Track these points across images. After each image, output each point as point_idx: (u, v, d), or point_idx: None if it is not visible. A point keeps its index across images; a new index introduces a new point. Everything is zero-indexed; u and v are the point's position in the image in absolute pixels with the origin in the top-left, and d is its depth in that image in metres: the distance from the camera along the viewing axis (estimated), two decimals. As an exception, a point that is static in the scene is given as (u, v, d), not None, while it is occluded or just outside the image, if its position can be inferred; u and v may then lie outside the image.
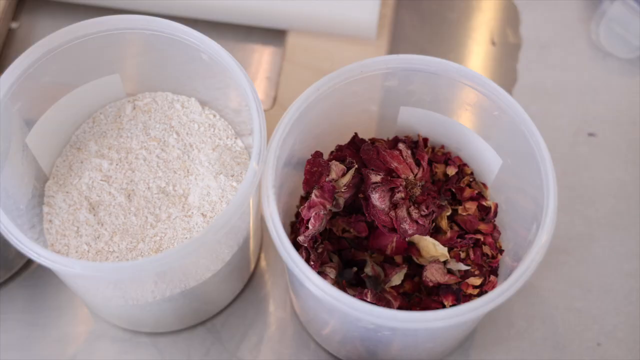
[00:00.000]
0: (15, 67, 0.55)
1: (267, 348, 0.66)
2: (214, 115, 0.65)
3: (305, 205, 0.57)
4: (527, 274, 0.51)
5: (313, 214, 0.56)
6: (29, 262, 0.68)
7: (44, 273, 0.68)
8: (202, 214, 0.60)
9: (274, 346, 0.66)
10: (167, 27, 0.58)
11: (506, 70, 0.77)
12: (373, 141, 0.63)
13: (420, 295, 0.61)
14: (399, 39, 0.79)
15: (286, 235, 0.51)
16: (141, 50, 0.61)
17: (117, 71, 0.62)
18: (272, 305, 0.68)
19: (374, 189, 0.58)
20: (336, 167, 0.58)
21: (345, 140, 0.63)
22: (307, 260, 0.56)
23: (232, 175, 0.62)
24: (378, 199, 0.58)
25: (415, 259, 0.61)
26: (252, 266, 0.68)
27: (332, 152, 0.63)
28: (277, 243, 0.52)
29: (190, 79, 0.63)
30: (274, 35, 0.78)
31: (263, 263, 0.69)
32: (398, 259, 0.62)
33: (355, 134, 0.62)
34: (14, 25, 0.78)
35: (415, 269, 0.62)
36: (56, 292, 0.68)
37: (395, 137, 0.63)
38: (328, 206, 0.56)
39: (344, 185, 0.58)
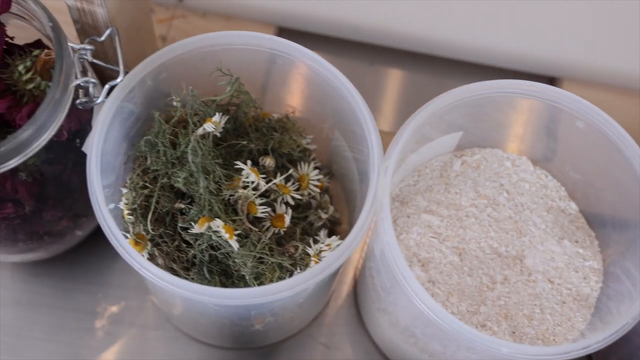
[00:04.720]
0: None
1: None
2: (546, 176, 0.63)
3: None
4: None
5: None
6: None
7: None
8: (549, 280, 0.59)
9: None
10: (540, 91, 0.57)
11: None
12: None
13: None
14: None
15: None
16: (494, 109, 0.59)
17: (462, 128, 0.61)
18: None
19: None
20: None
21: None
22: None
23: (576, 242, 0.60)
24: None
25: None
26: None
27: None
28: None
29: (525, 138, 0.62)
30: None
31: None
32: None
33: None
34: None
35: None
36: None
37: None
38: None
39: None
